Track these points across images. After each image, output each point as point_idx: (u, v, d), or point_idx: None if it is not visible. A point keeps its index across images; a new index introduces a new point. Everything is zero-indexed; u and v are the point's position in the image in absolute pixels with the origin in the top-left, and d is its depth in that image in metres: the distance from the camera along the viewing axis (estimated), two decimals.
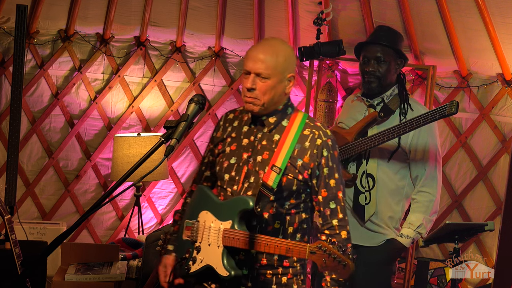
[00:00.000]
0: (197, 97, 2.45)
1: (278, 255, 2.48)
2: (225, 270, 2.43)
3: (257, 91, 2.46)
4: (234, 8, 4.93)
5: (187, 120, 2.35)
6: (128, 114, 5.08)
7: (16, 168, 4.49)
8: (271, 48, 2.47)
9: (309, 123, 2.54)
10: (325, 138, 2.51)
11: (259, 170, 2.49)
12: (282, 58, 2.47)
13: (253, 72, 2.46)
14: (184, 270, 2.55)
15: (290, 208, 2.52)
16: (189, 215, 2.61)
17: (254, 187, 2.48)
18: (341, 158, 3.33)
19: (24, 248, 3.50)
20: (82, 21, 4.88)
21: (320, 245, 2.32)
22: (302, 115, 2.57)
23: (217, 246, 2.46)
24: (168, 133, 2.33)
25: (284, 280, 2.53)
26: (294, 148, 2.48)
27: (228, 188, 2.55)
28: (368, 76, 3.36)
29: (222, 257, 2.45)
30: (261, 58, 2.44)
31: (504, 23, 4.26)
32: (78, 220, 2.10)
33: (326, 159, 2.50)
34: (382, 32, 3.43)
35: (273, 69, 2.44)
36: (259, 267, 2.51)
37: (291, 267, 2.54)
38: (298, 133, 2.50)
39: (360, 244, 3.32)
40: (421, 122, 3.10)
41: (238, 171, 2.53)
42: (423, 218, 3.28)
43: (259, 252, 2.47)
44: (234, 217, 2.45)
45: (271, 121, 2.54)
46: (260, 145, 2.53)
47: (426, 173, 3.30)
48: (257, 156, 2.51)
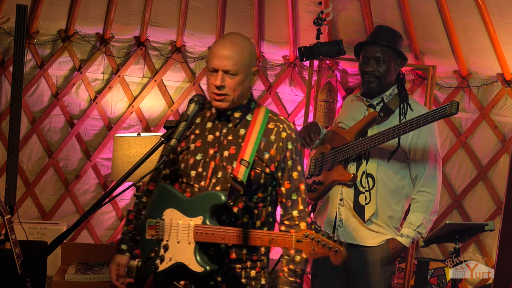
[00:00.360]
0: (197, 97, 2.46)
1: (247, 248, 2.52)
2: (199, 266, 2.43)
3: (227, 88, 2.49)
4: (234, 8, 4.93)
5: (187, 120, 2.36)
6: (128, 114, 5.08)
7: (16, 168, 4.49)
8: (236, 45, 2.49)
9: (272, 117, 2.59)
10: (289, 131, 2.57)
11: (227, 165, 2.51)
12: (247, 53, 2.51)
13: (221, 69, 2.48)
14: (151, 269, 2.54)
15: (258, 201, 2.55)
16: (151, 214, 2.59)
17: (223, 182, 2.50)
18: (341, 158, 3.34)
19: (24, 248, 3.51)
20: (82, 21, 4.88)
21: (306, 233, 2.34)
22: (265, 109, 2.63)
23: (188, 243, 2.46)
24: (168, 133, 2.33)
25: (253, 274, 2.56)
26: (260, 142, 2.52)
27: (195, 184, 2.55)
28: (367, 76, 3.36)
29: (194, 254, 2.45)
30: (228, 55, 2.46)
31: (504, 23, 4.26)
32: (78, 220, 2.10)
33: (290, 151, 2.55)
34: (381, 32, 3.43)
35: (240, 65, 2.47)
36: (228, 262, 2.53)
37: (259, 260, 2.58)
38: (263, 127, 2.55)
39: (360, 244, 3.32)
40: (421, 122, 3.10)
41: (205, 167, 2.54)
42: (423, 218, 3.28)
43: (229, 246, 2.50)
44: (205, 212, 2.45)
45: (236, 116, 2.57)
46: (226, 140, 2.55)
47: (426, 173, 3.30)
48: (224, 151, 2.53)
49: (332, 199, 3.41)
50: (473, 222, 4.53)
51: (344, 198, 3.36)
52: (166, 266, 2.51)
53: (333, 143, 3.45)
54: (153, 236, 2.53)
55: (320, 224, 3.47)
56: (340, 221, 3.36)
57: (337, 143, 3.41)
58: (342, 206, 3.36)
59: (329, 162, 3.42)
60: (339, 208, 3.37)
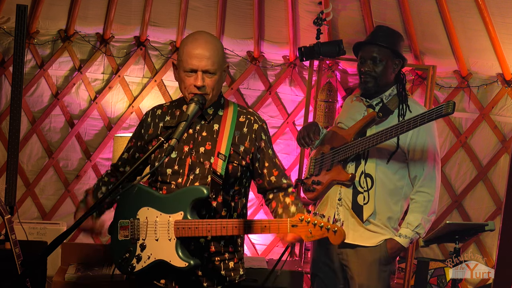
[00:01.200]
0: (197, 97, 2.47)
1: (224, 241, 2.56)
2: (183, 261, 2.45)
3: (206, 87, 2.52)
4: (234, 8, 4.93)
5: (187, 120, 2.36)
6: (128, 114, 5.08)
7: (16, 168, 4.49)
8: (211, 44, 2.53)
9: (242, 110, 2.65)
10: (260, 122, 2.64)
11: (204, 161, 2.54)
12: (221, 51, 2.56)
13: (201, 69, 2.50)
14: (127, 269, 2.55)
15: (235, 194, 2.60)
16: (122, 215, 2.60)
17: (201, 178, 2.53)
18: (340, 158, 3.35)
19: (24, 248, 3.50)
20: (82, 21, 4.88)
21: (301, 217, 2.35)
22: (232, 103, 2.68)
23: (168, 239, 2.47)
24: (168, 133, 2.33)
25: (232, 265, 2.61)
26: (234, 135, 2.56)
27: (172, 181, 2.56)
28: (364, 76, 3.37)
29: (176, 249, 2.45)
30: (206, 55, 2.49)
31: (504, 23, 4.26)
32: (78, 220, 2.10)
33: (265, 142, 2.63)
34: (380, 32, 3.43)
35: (217, 64, 2.52)
36: (208, 255, 2.56)
37: (236, 251, 2.63)
38: (234, 121, 2.59)
39: (358, 244, 3.32)
40: (418, 122, 3.11)
41: (181, 165, 2.56)
42: (422, 218, 3.27)
43: (208, 240, 2.53)
44: (185, 207, 2.46)
45: (209, 112, 2.60)
46: (201, 136, 2.58)
47: (425, 173, 3.30)
48: (199, 148, 2.56)
49: (331, 199, 3.41)
50: (473, 222, 4.53)
51: (343, 198, 3.36)
52: (144, 265, 2.51)
53: (332, 143, 3.45)
54: (127, 236, 2.55)
55: None
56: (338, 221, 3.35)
57: (336, 143, 3.42)
58: (341, 206, 3.36)
59: (328, 162, 3.42)
60: (337, 208, 3.37)
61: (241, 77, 5.13)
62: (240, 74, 5.13)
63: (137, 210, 2.56)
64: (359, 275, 3.32)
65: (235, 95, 5.14)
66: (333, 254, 3.41)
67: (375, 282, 3.32)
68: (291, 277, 4.25)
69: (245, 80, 5.15)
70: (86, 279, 4.01)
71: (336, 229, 2.31)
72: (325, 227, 2.32)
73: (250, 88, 5.19)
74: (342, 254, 3.38)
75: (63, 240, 2.09)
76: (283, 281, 4.20)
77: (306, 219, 2.33)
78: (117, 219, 2.61)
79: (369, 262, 3.31)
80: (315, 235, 2.33)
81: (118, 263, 2.59)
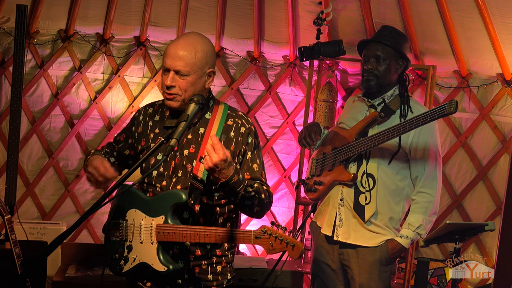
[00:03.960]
0: (197, 97, 2.45)
1: (211, 245, 2.53)
2: (162, 265, 2.45)
3: (177, 88, 2.49)
4: (234, 8, 4.93)
5: (187, 120, 2.35)
6: (128, 114, 5.08)
7: (16, 168, 4.49)
8: (190, 45, 2.48)
9: (231, 114, 2.59)
10: (248, 125, 2.57)
11: (187, 164, 2.52)
12: (201, 54, 2.49)
13: (172, 69, 2.47)
14: (116, 270, 2.56)
15: (220, 199, 2.56)
16: (115, 215, 2.61)
17: (183, 181, 2.51)
18: (341, 158, 3.34)
19: (24, 248, 3.50)
20: (82, 21, 4.88)
21: (264, 229, 2.35)
22: (223, 106, 2.62)
23: (151, 243, 2.47)
24: (168, 133, 2.33)
25: (219, 269, 2.58)
26: (220, 139, 2.51)
27: (157, 184, 2.56)
28: (367, 74, 3.36)
29: (157, 253, 2.46)
30: (180, 55, 2.46)
31: (504, 23, 4.26)
32: (78, 220, 2.09)
33: (249, 145, 2.55)
34: (385, 32, 3.43)
35: (192, 66, 2.46)
36: (193, 259, 2.54)
37: (224, 256, 2.60)
38: (222, 124, 2.55)
39: (359, 244, 3.32)
40: (421, 122, 3.10)
41: (166, 167, 2.55)
42: (423, 219, 3.27)
43: (192, 244, 2.51)
44: (166, 211, 2.46)
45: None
46: (186, 139, 2.55)
47: (426, 174, 3.30)
48: (183, 150, 2.53)
49: (333, 199, 3.41)
50: (473, 222, 4.53)
51: (345, 198, 3.36)
52: (131, 267, 2.52)
53: (334, 143, 3.45)
54: (117, 237, 2.56)
55: (320, 224, 3.47)
56: (340, 221, 3.36)
57: (338, 144, 3.41)
58: (342, 206, 3.36)
59: (330, 162, 3.42)
60: (339, 208, 3.37)
61: (241, 77, 5.13)
62: (240, 74, 5.13)
63: (126, 211, 2.56)
64: (360, 275, 3.32)
65: (235, 95, 5.14)
66: (334, 255, 3.41)
67: (375, 283, 3.32)
68: (291, 277, 4.25)
69: (245, 80, 5.15)
70: (86, 279, 4.01)
71: (295, 244, 2.32)
72: (284, 240, 2.33)
73: (250, 88, 5.20)
74: (343, 254, 3.37)
75: (63, 240, 2.09)
76: (283, 281, 4.21)
77: (268, 232, 2.34)
78: (110, 218, 2.62)
79: (370, 262, 3.31)
80: (276, 248, 2.35)
81: (109, 263, 2.60)
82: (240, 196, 2.41)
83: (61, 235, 2.07)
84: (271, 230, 2.34)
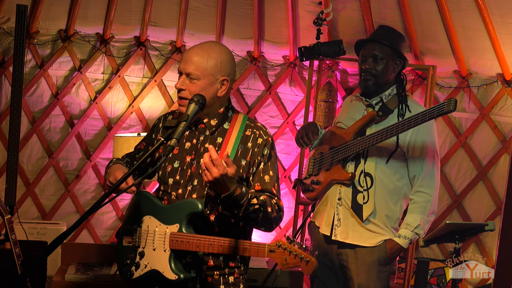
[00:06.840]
0: (197, 97, 2.44)
1: (224, 255, 2.51)
2: (173, 273, 2.44)
3: (187, 91, 2.49)
4: (234, 8, 4.93)
5: (187, 120, 2.35)
6: (128, 114, 5.08)
7: (16, 168, 4.49)
8: (204, 51, 2.49)
9: (249, 124, 2.59)
10: (266, 136, 2.56)
11: (203, 173, 2.47)
12: (214, 61, 2.48)
13: (184, 72, 2.49)
14: (126, 276, 2.55)
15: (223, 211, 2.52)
16: (129, 220, 2.60)
17: (198, 190, 2.50)
18: (339, 158, 3.34)
19: (24, 248, 3.50)
20: (82, 21, 4.88)
21: (279, 243, 2.34)
22: (243, 116, 2.62)
23: (164, 250, 2.47)
24: (168, 133, 2.33)
25: (231, 280, 2.57)
26: (238, 149, 2.51)
27: (172, 192, 2.55)
28: (364, 74, 3.37)
29: (169, 261, 2.45)
30: (192, 59, 2.47)
31: (504, 23, 4.26)
32: (78, 220, 2.09)
33: (263, 156, 2.53)
34: (382, 31, 3.43)
35: (202, 70, 2.47)
36: (206, 269, 2.53)
37: (237, 267, 2.58)
38: (240, 135, 2.54)
39: (358, 244, 3.32)
40: (420, 120, 3.10)
41: (182, 175, 2.54)
42: (421, 218, 3.27)
43: (205, 253, 2.50)
44: (181, 220, 2.45)
45: (212, 123, 2.57)
46: (203, 148, 2.54)
47: (424, 173, 3.30)
48: (200, 159, 2.50)
49: (331, 198, 3.41)
50: (473, 222, 4.53)
51: (343, 197, 3.36)
52: (141, 273, 2.51)
53: (331, 143, 3.45)
54: (130, 242, 2.55)
55: (318, 223, 3.47)
56: (338, 221, 3.36)
57: (335, 143, 3.41)
58: (340, 205, 3.36)
59: (328, 162, 3.42)
60: (337, 208, 3.37)
61: (241, 77, 5.13)
62: (240, 74, 5.13)
63: (142, 217, 2.56)
64: (358, 276, 3.32)
65: (235, 95, 5.14)
66: (332, 254, 3.41)
67: (374, 283, 3.32)
68: (291, 277, 4.25)
69: (245, 80, 5.15)
70: (86, 279, 4.01)
71: (309, 260, 2.31)
72: (299, 256, 2.32)
73: (250, 88, 5.20)
74: (342, 254, 3.37)
75: (63, 240, 2.09)
76: (283, 281, 4.20)
77: (283, 246, 2.33)
78: (124, 224, 2.61)
79: (368, 262, 3.31)
80: (290, 263, 2.34)
81: (120, 268, 2.59)
82: (243, 209, 2.40)
83: (61, 235, 2.07)
84: (285, 244, 2.33)
